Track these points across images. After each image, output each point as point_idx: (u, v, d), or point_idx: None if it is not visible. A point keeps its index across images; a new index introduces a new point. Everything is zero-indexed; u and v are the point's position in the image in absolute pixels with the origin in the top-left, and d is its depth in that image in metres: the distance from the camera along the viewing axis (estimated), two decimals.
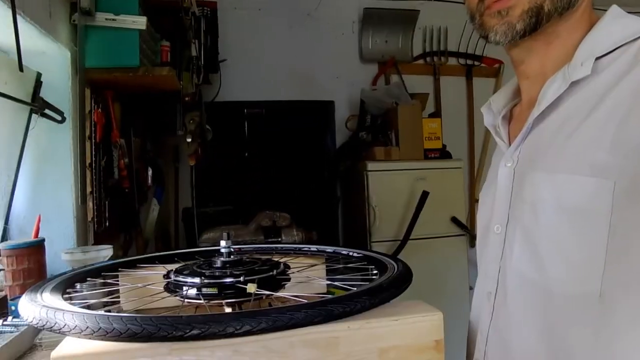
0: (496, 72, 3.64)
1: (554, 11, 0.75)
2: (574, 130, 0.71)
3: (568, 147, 0.71)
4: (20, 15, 1.20)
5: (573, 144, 0.71)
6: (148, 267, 1.12)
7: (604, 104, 0.69)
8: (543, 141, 0.77)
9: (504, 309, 0.80)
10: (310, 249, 1.23)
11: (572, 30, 0.78)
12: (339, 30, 3.41)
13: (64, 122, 1.55)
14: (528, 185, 0.76)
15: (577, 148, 0.70)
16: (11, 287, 1.16)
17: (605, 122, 0.68)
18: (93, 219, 1.66)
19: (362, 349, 0.70)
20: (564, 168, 0.70)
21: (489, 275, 0.84)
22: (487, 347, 0.84)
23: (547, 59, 0.80)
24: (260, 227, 1.82)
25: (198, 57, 2.29)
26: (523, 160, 0.80)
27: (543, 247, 0.73)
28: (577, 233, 0.69)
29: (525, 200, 0.76)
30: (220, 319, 0.64)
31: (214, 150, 2.66)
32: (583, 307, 0.69)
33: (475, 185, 3.61)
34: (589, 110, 0.70)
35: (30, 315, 0.71)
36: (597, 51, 0.73)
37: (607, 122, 0.67)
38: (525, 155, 0.80)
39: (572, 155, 0.70)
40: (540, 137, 0.78)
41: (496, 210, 0.83)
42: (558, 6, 0.75)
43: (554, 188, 0.71)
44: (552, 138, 0.75)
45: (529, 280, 0.75)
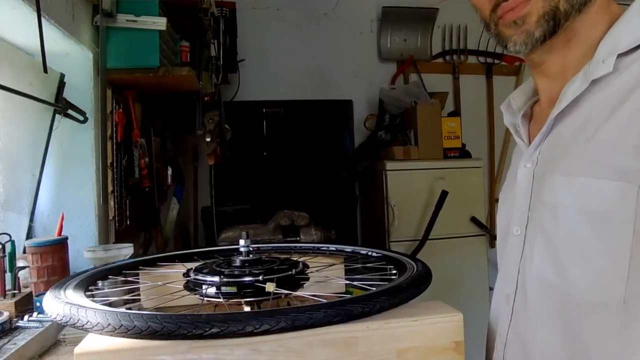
0: (517, 70, 3.59)
1: (570, 9, 0.71)
2: (595, 132, 0.67)
3: (589, 149, 0.68)
4: (44, 18, 1.23)
5: (594, 146, 0.67)
6: (168, 266, 1.14)
7: (627, 104, 0.65)
8: (563, 142, 0.73)
9: (523, 312, 0.78)
10: (329, 249, 1.23)
11: (591, 24, 0.73)
12: (357, 29, 3.40)
13: (86, 122, 1.57)
14: (547, 188, 0.73)
15: (598, 151, 0.66)
16: (36, 283, 1.19)
17: (628, 124, 0.64)
18: (114, 217, 1.68)
19: (381, 350, 0.70)
20: (585, 171, 0.67)
21: (509, 277, 0.82)
22: (506, 350, 0.82)
23: (568, 57, 0.76)
24: (279, 226, 1.83)
25: (217, 57, 2.31)
26: (543, 161, 0.77)
27: (564, 252, 0.70)
28: (600, 239, 0.66)
29: (545, 203, 0.73)
30: (240, 318, 0.65)
31: (233, 150, 2.68)
32: (605, 314, 0.66)
33: (495, 184, 3.57)
34: (611, 111, 0.66)
35: (54, 312, 0.72)
36: (619, 47, 0.69)
37: (630, 124, 0.64)
38: (545, 156, 0.77)
39: (593, 158, 0.67)
40: (561, 138, 0.74)
41: (516, 212, 0.80)
42: (575, 3, 0.71)
43: (575, 192, 0.68)
44: (572, 139, 0.71)
45: (550, 284, 0.73)
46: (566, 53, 0.76)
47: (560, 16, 0.71)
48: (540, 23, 0.72)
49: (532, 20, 0.72)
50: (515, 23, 0.73)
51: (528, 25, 0.72)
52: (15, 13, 1.20)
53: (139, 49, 1.63)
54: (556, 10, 0.71)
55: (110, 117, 1.66)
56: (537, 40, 0.73)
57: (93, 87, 1.60)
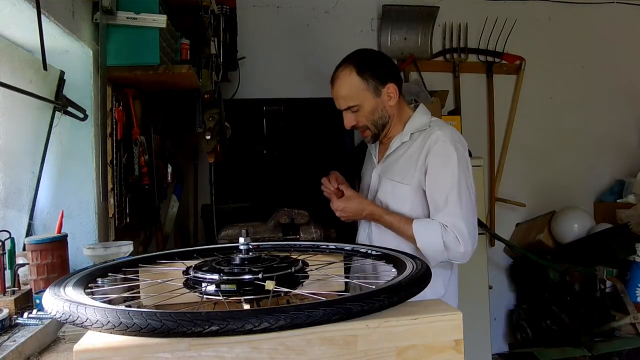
0: (517, 68, 3.58)
1: (381, 131, 1.68)
2: (401, 163, 1.64)
3: (397, 170, 1.65)
4: (44, 15, 1.22)
5: (398, 170, 1.64)
6: (168, 263, 1.14)
7: (414, 153, 1.61)
8: (390, 165, 1.68)
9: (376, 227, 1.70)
10: (328, 247, 1.23)
11: (397, 123, 1.68)
12: (357, 28, 3.40)
13: (86, 119, 1.57)
14: (383, 184, 1.68)
15: (401, 170, 1.63)
16: (35, 281, 1.19)
17: (415, 161, 1.59)
18: (114, 215, 1.68)
19: (381, 348, 0.70)
20: (397, 179, 1.63)
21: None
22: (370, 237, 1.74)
23: (389, 133, 1.69)
24: (278, 224, 1.82)
25: (217, 55, 2.30)
26: (382, 172, 1.71)
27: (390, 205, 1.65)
28: (401, 203, 1.63)
29: (383, 189, 1.68)
30: (239, 316, 0.65)
31: (233, 148, 2.67)
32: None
33: (495, 183, 3.57)
34: (407, 155, 1.63)
35: (54, 309, 0.72)
36: (412, 130, 1.65)
37: (416, 161, 1.59)
38: (383, 170, 1.70)
39: (399, 173, 1.63)
40: (389, 163, 1.69)
41: (372, 191, 1.73)
42: (381, 128, 1.67)
43: (393, 186, 1.65)
44: (393, 164, 1.67)
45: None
46: (389, 135, 1.70)
47: (379, 133, 1.69)
48: (370, 139, 1.72)
49: (368, 139, 1.73)
50: (366, 137, 1.72)
51: (367, 139, 1.74)
52: (15, 10, 1.20)
53: (139, 47, 1.63)
54: (375, 134, 1.68)
55: (110, 115, 1.65)
56: (371, 141, 1.73)
57: (93, 84, 1.60)
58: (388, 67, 1.66)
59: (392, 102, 1.62)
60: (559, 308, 3.04)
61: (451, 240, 1.50)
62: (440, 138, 1.56)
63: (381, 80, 1.60)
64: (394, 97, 1.62)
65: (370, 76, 1.59)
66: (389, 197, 1.64)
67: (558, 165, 3.70)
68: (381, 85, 1.60)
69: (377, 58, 1.67)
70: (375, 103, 1.61)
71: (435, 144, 1.56)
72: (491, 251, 3.51)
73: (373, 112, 1.62)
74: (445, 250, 1.50)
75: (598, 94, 3.74)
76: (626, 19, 3.76)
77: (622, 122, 3.79)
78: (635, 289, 2.95)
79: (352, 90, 1.60)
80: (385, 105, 1.62)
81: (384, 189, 1.67)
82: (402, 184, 1.61)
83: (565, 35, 3.67)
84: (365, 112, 1.62)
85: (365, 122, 1.64)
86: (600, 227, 3.20)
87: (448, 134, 1.58)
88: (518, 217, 3.66)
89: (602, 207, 3.63)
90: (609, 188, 3.72)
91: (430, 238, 1.50)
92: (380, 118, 1.64)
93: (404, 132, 1.65)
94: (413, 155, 1.61)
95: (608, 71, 3.74)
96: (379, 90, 1.60)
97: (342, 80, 1.61)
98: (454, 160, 1.55)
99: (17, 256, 1.18)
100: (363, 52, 1.66)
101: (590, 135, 3.74)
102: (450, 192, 1.52)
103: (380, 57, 1.69)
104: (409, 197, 1.60)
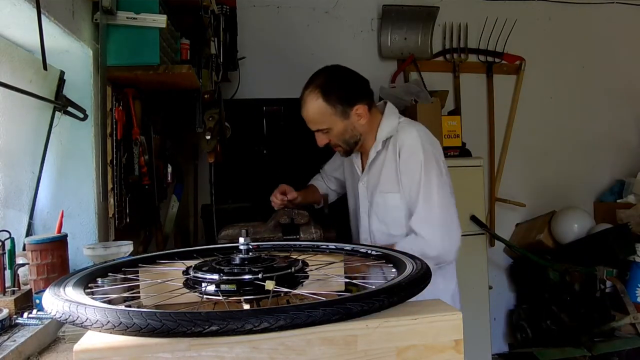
0: (517, 68, 3.58)
1: (354, 146, 1.70)
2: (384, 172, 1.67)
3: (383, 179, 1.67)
4: (44, 15, 1.22)
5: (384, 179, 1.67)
6: (167, 263, 1.14)
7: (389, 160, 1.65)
8: (373, 176, 1.71)
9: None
10: (328, 247, 1.23)
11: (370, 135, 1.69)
12: (357, 28, 3.40)
13: (86, 119, 1.57)
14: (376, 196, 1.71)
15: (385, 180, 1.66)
16: (35, 280, 1.19)
17: (393, 168, 1.63)
18: (114, 215, 1.68)
19: (380, 348, 0.70)
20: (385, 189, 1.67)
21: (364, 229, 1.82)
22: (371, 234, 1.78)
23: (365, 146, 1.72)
24: (278, 224, 1.82)
25: (217, 54, 2.30)
26: (368, 183, 1.74)
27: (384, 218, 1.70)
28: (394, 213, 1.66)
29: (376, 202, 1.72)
30: (239, 316, 0.65)
31: (233, 148, 2.67)
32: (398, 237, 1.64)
33: (495, 183, 3.57)
34: (386, 164, 1.67)
35: (53, 309, 0.72)
36: (382, 138, 1.67)
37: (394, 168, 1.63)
38: (369, 180, 1.74)
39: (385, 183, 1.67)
40: (372, 174, 1.72)
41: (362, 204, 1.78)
42: (353, 145, 1.70)
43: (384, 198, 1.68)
44: (376, 175, 1.70)
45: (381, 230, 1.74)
46: (365, 147, 1.72)
47: (351, 150, 1.72)
48: (343, 154, 1.76)
49: (342, 154, 1.78)
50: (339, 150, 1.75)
51: (341, 154, 1.79)
52: (15, 10, 1.20)
53: (139, 47, 1.63)
54: (347, 150, 1.72)
55: (110, 115, 1.65)
56: (345, 155, 1.77)
57: (93, 84, 1.60)
58: (355, 88, 1.64)
59: (362, 122, 1.63)
60: (559, 308, 3.04)
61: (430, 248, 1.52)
62: (407, 142, 1.60)
63: (348, 103, 1.60)
64: (364, 116, 1.63)
65: (336, 100, 1.59)
66: (382, 210, 1.69)
67: (558, 165, 3.70)
68: (349, 108, 1.61)
69: (343, 79, 1.64)
70: (345, 125, 1.63)
71: (403, 149, 1.60)
72: (491, 251, 3.51)
73: (343, 133, 1.64)
74: (432, 259, 1.49)
75: (598, 93, 3.74)
76: (626, 19, 3.76)
77: (622, 122, 3.79)
78: (635, 289, 2.95)
79: (320, 115, 1.61)
80: (355, 125, 1.64)
81: (376, 203, 1.70)
82: (391, 193, 1.65)
83: (565, 35, 3.67)
84: (336, 134, 1.64)
85: (337, 141, 1.67)
86: (600, 227, 3.20)
87: (413, 135, 1.60)
88: (518, 217, 3.66)
89: (602, 207, 3.63)
90: (609, 188, 3.72)
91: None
92: (352, 137, 1.66)
93: (377, 141, 1.68)
94: (389, 163, 1.65)
95: (608, 71, 3.74)
96: (347, 113, 1.61)
97: (309, 105, 1.62)
98: (420, 160, 1.56)
99: (17, 256, 1.18)
100: (329, 73, 1.64)
101: (590, 135, 3.74)
102: (418, 196, 1.57)
103: (347, 77, 1.66)
104: (400, 203, 1.64)
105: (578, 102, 3.71)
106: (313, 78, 1.65)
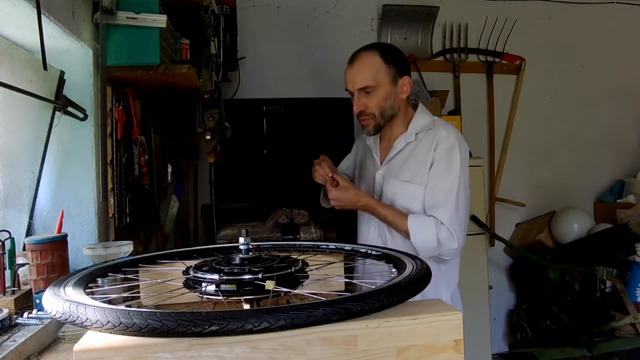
0: (517, 68, 3.58)
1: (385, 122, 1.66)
2: (409, 164, 1.66)
3: (408, 169, 1.65)
4: (44, 15, 1.22)
5: (408, 170, 1.65)
6: (167, 263, 1.14)
7: (422, 152, 1.64)
8: (395, 166, 1.69)
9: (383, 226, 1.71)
10: (328, 247, 1.23)
11: (401, 121, 1.70)
12: (357, 28, 3.40)
13: (86, 119, 1.57)
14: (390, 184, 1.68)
15: (410, 170, 1.65)
16: (35, 280, 1.19)
17: (424, 160, 1.62)
18: (114, 215, 1.68)
19: (381, 348, 0.70)
20: (407, 178, 1.64)
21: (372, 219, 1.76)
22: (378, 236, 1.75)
23: (393, 131, 1.71)
24: (277, 224, 1.83)
25: (217, 54, 2.30)
26: (386, 172, 1.71)
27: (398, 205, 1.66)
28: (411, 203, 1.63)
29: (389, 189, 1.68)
30: (239, 316, 0.65)
31: (233, 148, 2.67)
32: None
33: (495, 183, 3.57)
34: (414, 155, 1.66)
35: (54, 309, 0.72)
36: (416, 130, 1.67)
37: (425, 160, 1.62)
38: (387, 170, 1.71)
39: (408, 173, 1.65)
40: (394, 164, 1.70)
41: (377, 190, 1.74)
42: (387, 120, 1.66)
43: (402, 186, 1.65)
44: (400, 166, 1.68)
45: None
46: (391, 130, 1.71)
47: (383, 125, 1.67)
48: (371, 129, 1.67)
49: (369, 129, 1.68)
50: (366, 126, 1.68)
51: (368, 129, 1.68)
52: (15, 10, 1.20)
53: (139, 47, 1.63)
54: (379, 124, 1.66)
55: (110, 115, 1.65)
56: (373, 132, 1.68)
57: (93, 84, 1.60)
58: (406, 63, 1.70)
59: (404, 95, 1.65)
60: (559, 308, 3.04)
61: (445, 237, 1.54)
62: (447, 138, 1.61)
63: (400, 71, 1.63)
64: (407, 90, 1.65)
65: (392, 63, 1.62)
66: (397, 196, 1.65)
67: (558, 165, 3.70)
68: (399, 76, 1.63)
69: (399, 51, 1.70)
70: (390, 90, 1.62)
71: (442, 143, 1.61)
72: (491, 251, 3.51)
73: (386, 99, 1.62)
74: (438, 246, 1.55)
75: (598, 93, 3.74)
76: (626, 18, 3.76)
77: (622, 122, 3.79)
78: (635, 289, 2.95)
79: (373, 70, 1.61)
80: (398, 96, 1.64)
81: (391, 189, 1.67)
82: (412, 183, 1.63)
83: (565, 35, 3.67)
84: (379, 97, 1.62)
85: (375, 108, 1.63)
86: (600, 227, 3.20)
87: (453, 135, 1.62)
88: (518, 217, 3.66)
89: (602, 207, 3.63)
90: (609, 188, 3.73)
91: (424, 233, 1.55)
92: (391, 108, 1.64)
93: (408, 132, 1.67)
94: (421, 155, 1.64)
95: (608, 71, 3.74)
96: (397, 80, 1.63)
97: (364, 59, 1.62)
98: (458, 161, 1.60)
99: (17, 256, 1.18)
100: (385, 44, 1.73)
101: (590, 135, 3.74)
102: (450, 193, 1.58)
103: (401, 52, 1.71)
104: (420, 196, 1.61)
105: (578, 102, 3.71)
106: (368, 45, 1.69)
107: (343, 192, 1.64)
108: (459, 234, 1.57)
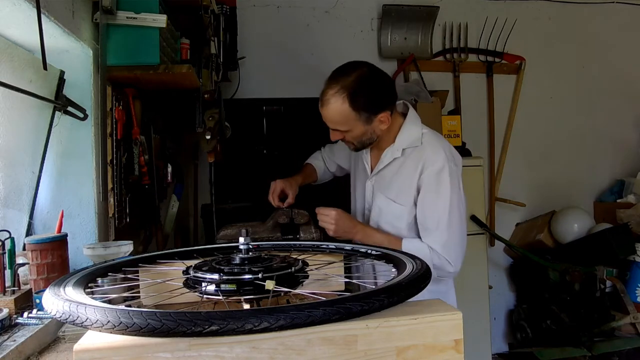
0: (517, 68, 3.59)
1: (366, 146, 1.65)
2: (395, 181, 1.64)
3: (391, 188, 1.65)
4: (44, 15, 1.22)
5: (393, 188, 1.65)
6: (167, 263, 1.14)
7: (408, 172, 1.60)
8: (383, 180, 1.68)
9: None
10: (328, 247, 1.23)
11: (388, 135, 1.63)
12: (357, 27, 3.40)
13: (86, 119, 1.57)
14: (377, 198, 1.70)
15: (396, 189, 1.64)
16: (35, 280, 1.19)
17: (409, 181, 1.59)
18: (114, 214, 1.68)
19: (381, 348, 0.70)
20: (392, 197, 1.64)
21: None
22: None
23: (380, 145, 1.67)
24: (277, 224, 1.82)
25: (217, 54, 2.30)
26: (376, 184, 1.71)
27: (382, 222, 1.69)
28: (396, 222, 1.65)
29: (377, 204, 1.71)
30: (239, 316, 0.65)
31: (233, 148, 2.67)
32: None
33: (495, 183, 3.57)
34: (400, 173, 1.63)
35: (53, 309, 0.72)
36: (403, 146, 1.62)
37: (410, 181, 1.59)
38: (377, 182, 1.71)
39: (394, 191, 1.64)
40: (382, 177, 1.69)
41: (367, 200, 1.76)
42: (367, 145, 1.65)
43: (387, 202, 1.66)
44: (387, 179, 1.67)
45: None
46: (379, 142, 1.65)
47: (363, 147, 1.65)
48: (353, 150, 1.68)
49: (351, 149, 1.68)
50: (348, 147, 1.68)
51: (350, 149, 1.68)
52: (15, 9, 1.20)
53: (139, 46, 1.62)
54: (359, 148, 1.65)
55: (110, 115, 1.65)
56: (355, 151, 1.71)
57: (93, 84, 1.60)
58: (383, 95, 1.55)
59: (383, 127, 1.57)
60: (559, 308, 3.04)
61: (439, 263, 1.53)
62: (434, 161, 1.55)
63: (374, 111, 1.52)
64: (386, 122, 1.56)
65: (362, 108, 1.50)
66: (384, 212, 1.67)
67: (558, 165, 3.70)
68: (374, 115, 1.53)
69: (374, 86, 1.52)
70: (365, 129, 1.56)
71: (429, 167, 1.55)
72: (491, 251, 3.51)
73: (362, 135, 1.58)
74: (434, 270, 1.50)
75: (598, 93, 3.74)
76: (626, 18, 3.76)
77: (622, 122, 3.79)
78: (635, 289, 2.95)
79: (342, 118, 1.53)
80: (375, 130, 1.57)
81: (378, 202, 1.69)
82: (396, 203, 1.62)
83: (565, 35, 3.67)
84: (354, 135, 1.58)
85: (352, 140, 1.61)
86: (600, 227, 3.20)
87: (441, 155, 1.55)
88: (518, 217, 3.66)
89: (602, 207, 3.64)
90: (609, 188, 3.73)
91: None
92: (369, 139, 1.60)
93: (395, 146, 1.63)
94: (407, 174, 1.60)
95: (607, 71, 3.74)
96: (371, 119, 1.54)
97: (332, 105, 1.51)
98: (447, 183, 1.54)
99: (17, 256, 1.18)
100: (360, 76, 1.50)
101: (590, 135, 3.74)
102: (441, 218, 1.54)
103: (377, 83, 1.54)
104: (405, 216, 1.62)
105: (578, 102, 3.71)
106: (341, 76, 1.52)
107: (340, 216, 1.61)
108: (454, 257, 1.54)
